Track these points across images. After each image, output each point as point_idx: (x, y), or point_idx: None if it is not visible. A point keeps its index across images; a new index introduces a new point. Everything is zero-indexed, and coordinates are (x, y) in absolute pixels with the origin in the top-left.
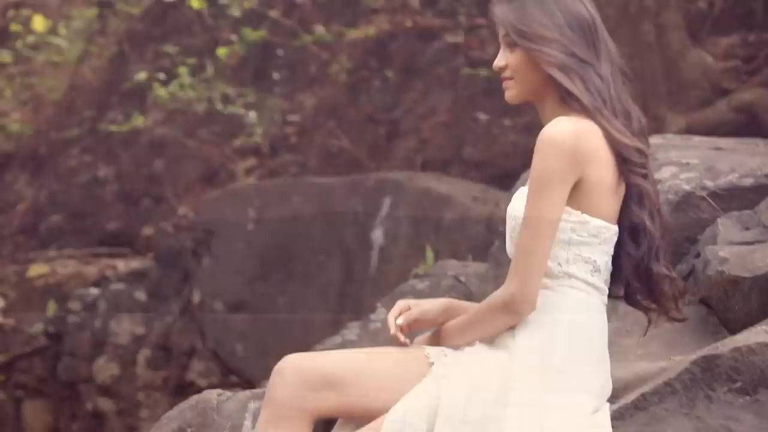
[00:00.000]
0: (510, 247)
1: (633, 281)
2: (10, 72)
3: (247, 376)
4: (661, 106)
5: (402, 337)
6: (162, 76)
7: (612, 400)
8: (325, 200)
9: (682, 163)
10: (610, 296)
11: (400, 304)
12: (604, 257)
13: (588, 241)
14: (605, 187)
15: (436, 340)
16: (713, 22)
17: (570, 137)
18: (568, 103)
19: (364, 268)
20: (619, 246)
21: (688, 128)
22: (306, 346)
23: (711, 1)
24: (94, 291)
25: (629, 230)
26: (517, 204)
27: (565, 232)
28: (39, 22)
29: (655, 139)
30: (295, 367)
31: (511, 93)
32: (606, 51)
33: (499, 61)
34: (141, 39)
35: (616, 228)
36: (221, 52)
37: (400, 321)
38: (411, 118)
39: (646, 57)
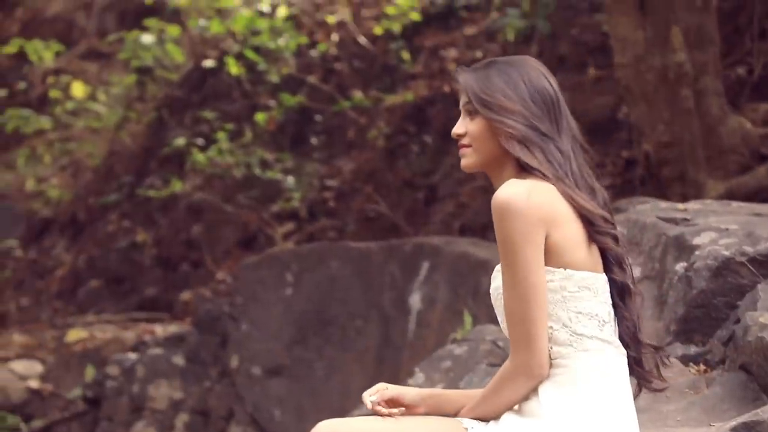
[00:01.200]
0: (503, 323)
1: (627, 350)
2: (49, 138)
3: None
4: (700, 171)
5: (384, 410)
6: (200, 141)
7: None
8: (363, 265)
9: (722, 229)
10: None
11: (378, 385)
12: (604, 308)
13: (581, 295)
14: (577, 240)
15: None
16: (752, 89)
17: (523, 195)
18: (529, 172)
19: (401, 333)
20: (614, 310)
21: (727, 194)
22: (343, 411)
23: (750, 67)
24: (132, 356)
25: (617, 291)
26: (497, 282)
27: (557, 292)
28: (78, 89)
29: (694, 205)
30: None
31: (468, 161)
32: (567, 127)
33: (458, 128)
34: (179, 105)
35: (605, 276)
36: (259, 117)
37: (373, 398)
38: (449, 183)
39: (685, 123)
